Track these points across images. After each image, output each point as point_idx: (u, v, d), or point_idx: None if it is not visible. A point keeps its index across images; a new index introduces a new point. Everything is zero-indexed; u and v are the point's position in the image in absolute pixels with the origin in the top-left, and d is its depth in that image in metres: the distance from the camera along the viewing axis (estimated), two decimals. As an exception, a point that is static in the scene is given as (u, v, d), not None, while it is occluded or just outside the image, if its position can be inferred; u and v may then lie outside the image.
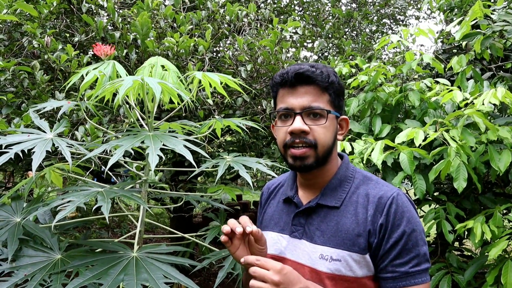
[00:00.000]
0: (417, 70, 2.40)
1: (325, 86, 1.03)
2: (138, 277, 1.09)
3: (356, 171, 1.11)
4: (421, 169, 2.30)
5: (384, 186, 1.05)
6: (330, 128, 1.04)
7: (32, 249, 1.23)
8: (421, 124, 2.38)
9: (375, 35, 4.87)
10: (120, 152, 1.09)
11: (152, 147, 1.11)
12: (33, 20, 2.48)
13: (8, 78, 2.28)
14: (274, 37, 2.44)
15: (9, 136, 1.25)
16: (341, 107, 1.09)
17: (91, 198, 1.12)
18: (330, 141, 1.05)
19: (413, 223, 1.00)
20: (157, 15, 2.57)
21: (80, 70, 1.28)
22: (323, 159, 1.05)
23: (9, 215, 1.33)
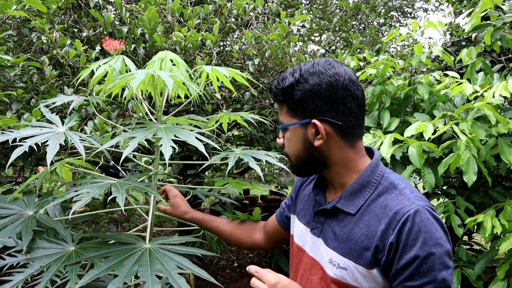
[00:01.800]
0: (426, 63, 2.38)
1: (280, 100, 1.03)
2: (152, 267, 1.10)
3: (384, 175, 1.01)
4: (430, 163, 2.29)
5: (405, 199, 0.94)
6: (292, 139, 1.03)
7: (46, 241, 1.25)
8: (430, 117, 2.36)
9: (383, 28, 4.83)
10: (134, 143, 1.10)
11: (165, 139, 1.12)
12: (41, 15, 2.49)
13: (18, 74, 2.30)
14: (282, 31, 2.43)
15: (22, 129, 1.25)
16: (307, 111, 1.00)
17: (105, 189, 1.13)
18: (296, 152, 1.04)
19: (431, 246, 0.88)
20: (164, 9, 2.57)
21: (90, 65, 1.28)
22: (302, 168, 1.07)
23: (21, 208, 1.35)
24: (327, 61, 1.02)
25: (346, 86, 0.98)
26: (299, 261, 1.15)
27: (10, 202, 1.37)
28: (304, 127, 1.01)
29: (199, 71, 1.32)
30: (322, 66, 1.00)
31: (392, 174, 1.02)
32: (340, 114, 0.98)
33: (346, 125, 0.99)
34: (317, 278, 1.05)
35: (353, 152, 1.03)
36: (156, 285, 1.05)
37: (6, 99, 2.16)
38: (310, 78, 0.99)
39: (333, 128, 0.99)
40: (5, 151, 2.56)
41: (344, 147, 1.02)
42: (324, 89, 0.97)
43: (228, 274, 4.68)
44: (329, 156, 1.02)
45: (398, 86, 2.57)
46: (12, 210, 1.32)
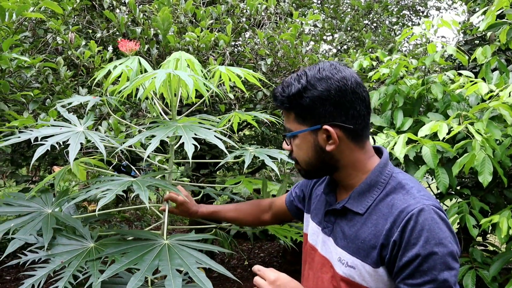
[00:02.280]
0: (440, 62, 2.36)
1: (286, 107, 1.03)
2: (172, 262, 1.11)
3: (392, 175, 1.02)
4: (443, 163, 2.27)
5: (411, 199, 0.95)
6: (302, 145, 1.04)
7: (66, 238, 1.27)
8: (444, 117, 2.34)
9: (395, 27, 4.80)
10: (156, 141, 1.11)
11: (186, 137, 1.13)
12: (56, 17, 2.52)
13: (34, 75, 2.33)
14: (295, 31, 2.43)
15: (42, 128, 1.27)
16: (318, 117, 1.00)
17: (126, 187, 1.14)
18: (306, 157, 1.04)
19: (433, 245, 0.88)
20: (177, 10, 2.58)
21: (106, 66, 1.30)
22: (312, 172, 1.08)
23: (40, 206, 1.38)
24: (332, 65, 1.02)
25: (354, 89, 0.99)
26: (311, 260, 1.17)
27: (29, 200, 1.39)
28: (314, 133, 1.01)
29: (213, 70, 1.33)
30: (329, 71, 0.99)
31: (400, 174, 1.03)
32: (350, 118, 0.99)
33: (356, 128, 1.00)
34: (328, 277, 1.07)
35: (362, 153, 1.04)
36: (178, 279, 1.06)
37: (23, 100, 2.19)
38: (318, 84, 0.98)
39: (343, 132, 1.00)
40: (21, 150, 2.60)
41: (355, 149, 1.03)
42: (334, 94, 0.97)
43: (239, 273, 4.69)
44: (340, 159, 1.03)
45: (411, 86, 2.55)
46: (31, 208, 1.35)
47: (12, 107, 2.23)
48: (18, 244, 1.22)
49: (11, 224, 1.26)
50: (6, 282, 3.94)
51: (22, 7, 1.72)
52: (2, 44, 1.87)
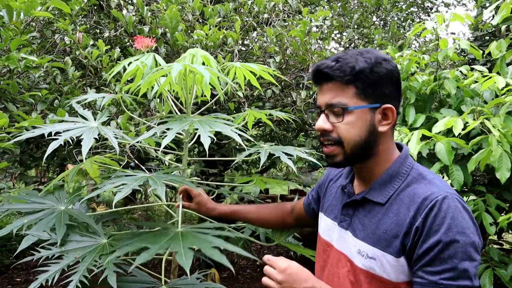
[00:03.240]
0: (454, 57, 2.32)
1: (348, 80, 0.97)
2: (185, 243, 1.08)
3: (413, 167, 1.02)
4: (457, 160, 2.22)
5: (434, 187, 0.94)
6: (358, 123, 0.98)
7: (79, 234, 1.26)
8: (458, 113, 2.30)
9: (405, 23, 4.74)
10: (172, 134, 1.10)
11: (202, 130, 1.12)
12: (64, 17, 2.51)
13: (42, 75, 2.32)
14: (304, 27, 2.40)
15: (56, 124, 1.26)
16: (380, 95, 0.98)
17: (142, 182, 1.12)
18: (357, 137, 0.99)
19: (455, 233, 0.86)
20: (185, 8, 2.56)
21: (121, 62, 1.29)
22: (354, 155, 1.01)
23: (53, 203, 1.37)
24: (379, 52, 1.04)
25: (400, 78, 1.02)
26: (327, 256, 1.16)
27: (42, 196, 1.39)
28: (372, 111, 0.99)
29: (228, 67, 1.31)
30: (386, 56, 1.01)
31: (420, 167, 1.03)
32: (398, 105, 1.02)
33: (398, 114, 1.02)
34: (345, 271, 1.06)
35: (392, 143, 1.05)
36: (189, 253, 1.02)
37: (31, 100, 2.18)
38: (384, 63, 0.98)
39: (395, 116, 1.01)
40: (30, 151, 2.59)
41: (391, 137, 1.04)
42: (396, 77, 1.00)
43: (249, 274, 4.66)
44: (380, 144, 1.02)
45: (423, 82, 2.50)
46: (44, 205, 1.35)
47: (20, 108, 2.22)
48: (31, 240, 1.21)
49: (25, 220, 1.26)
50: (17, 284, 3.95)
51: (30, 6, 1.70)
52: (10, 44, 1.85)
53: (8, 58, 1.85)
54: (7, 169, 2.75)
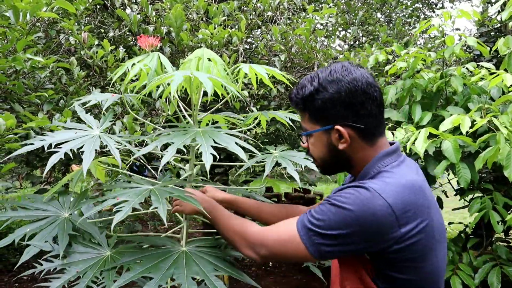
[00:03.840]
0: (460, 54, 2.30)
1: (301, 108, 1.08)
2: (189, 270, 1.08)
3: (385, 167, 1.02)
4: (463, 158, 2.21)
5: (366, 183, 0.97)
6: (317, 143, 1.08)
7: (82, 245, 1.23)
8: (465, 110, 2.28)
9: (410, 20, 4.71)
10: (172, 150, 1.06)
11: (205, 145, 1.07)
12: (69, 17, 2.51)
13: (47, 75, 2.32)
14: (309, 25, 2.38)
15: (56, 133, 1.22)
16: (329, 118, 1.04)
17: (144, 197, 1.09)
18: (320, 155, 1.09)
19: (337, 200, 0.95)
20: (189, 7, 2.55)
21: (125, 63, 1.26)
22: (327, 168, 1.13)
23: (57, 210, 1.34)
24: (343, 66, 1.05)
25: (364, 90, 1.02)
26: None
27: (46, 203, 1.35)
28: (327, 132, 1.05)
29: (237, 69, 1.28)
30: (340, 73, 1.03)
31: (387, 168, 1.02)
32: (361, 118, 1.02)
33: (367, 127, 1.03)
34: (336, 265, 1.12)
35: (373, 150, 1.06)
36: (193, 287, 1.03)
37: (38, 101, 2.18)
38: (329, 86, 1.02)
39: (355, 131, 1.03)
40: (36, 151, 2.60)
41: (366, 147, 1.05)
42: (344, 96, 1.01)
43: (254, 272, 4.67)
44: (352, 156, 1.06)
45: (429, 79, 2.49)
46: (48, 212, 1.31)
47: (27, 108, 2.22)
48: (33, 251, 1.18)
49: (27, 229, 1.23)
50: (24, 282, 3.97)
51: (35, 6, 1.70)
52: (16, 44, 1.86)
53: (14, 59, 1.85)
54: (14, 169, 2.76)
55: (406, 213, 0.92)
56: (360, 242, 0.93)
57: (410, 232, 0.92)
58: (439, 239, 0.99)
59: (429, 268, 0.97)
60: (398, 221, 0.92)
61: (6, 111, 2.14)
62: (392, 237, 0.92)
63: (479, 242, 2.48)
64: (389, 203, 0.91)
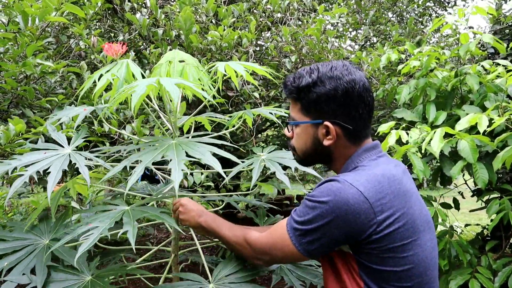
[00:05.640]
0: (476, 52, 2.24)
1: (294, 97, 1.07)
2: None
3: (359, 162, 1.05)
4: (480, 158, 2.15)
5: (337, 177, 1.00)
6: (302, 135, 1.09)
7: (62, 272, 1.19)
8: (481, 109, 2.23)
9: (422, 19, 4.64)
10: (140, 170, 0.99)
11: (175, 161, 0.99)
12: (78, 21, 2.52)
13: (58, 80, 2.32)
14: (320, 25, 2.35)
15: (25, 155, 1.16)
16: (320, 112, 1.04)
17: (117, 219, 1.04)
18: (303, 147, 1.10)
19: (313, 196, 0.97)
20: (198, 9, 2.54)
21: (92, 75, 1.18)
22: (305, 160, 1.13)
23: (37, 237, 1.28)
24: (344, 65, 1.05)
25: (360, 94, 1.03)
26: None
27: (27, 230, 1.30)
28: (315, 126, 1.06)
29: (214, 69, 1.19)
30: (340, 71, 1.03)
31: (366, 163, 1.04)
32: (351, 119, 1.03)
33: (355, 129, 1.04)
34: None
35: (355, 149, 1.07)
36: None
37: (48, 105, 2.18)
38: (327, 81, 1.02)
39: (342, 131, 1.04)
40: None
41: (350, 146, 1.07)
42: (340, 95, 1.02)
43: (266, 275, 4.63)
44: (333, 153, 1.08)
45: (443, 78, 2.44)
46: (27, 241, 1.26)
47: (37, 113, 2.23)
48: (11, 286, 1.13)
49: (4, 263, 1.18)
50: None
51: (44, 11, 1.70)
52: (26, 50, 1.86)
53: (24, 64, 1.85)
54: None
55: (380, 200, 0.94)
56: (340, 233, 0.95)
57: (386, 220, 0.93)
58: (422, 229, 0.99)
59: (412, 259, 0.96)
60: (373, 209, 0.93)
61: (17, 116, 2.15)
62: (370, 225, 0.93)
63: (497, 244, 2.42)
64: (360, 191, 0.93)
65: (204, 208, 1.25)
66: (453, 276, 2.22)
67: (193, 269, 1.54)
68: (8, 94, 2.11)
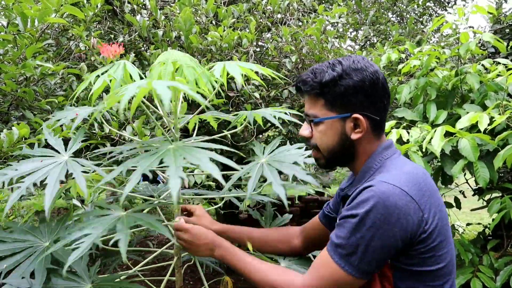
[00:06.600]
0: (476, 51, 2.24)
1: (316, 93, 1.04)
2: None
3: (385, 160, 1.04)
4: (481, 156, 2.15)
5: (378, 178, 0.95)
6: (328, 132, 1.05)
7: (61, 278, 1.15)
8: (481, 108, 2.22)
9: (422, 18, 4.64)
10: (136, 177, 0.93)
11: (173, 167, 0.93)
12: (78, 23, 2.52)
13: (58, 82, 2.32)
14: (320, 25, 2.35)
15: (21, 163, 1.12)
16: (348, 105, 1.03)
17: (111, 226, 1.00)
18: (330, 144, 1.06)
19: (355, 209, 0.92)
20: (198, 10, 2.54)
21: (88, 76, 1.15)
22: (332, 159, 1.08)
23: (37, 239, 1.25)
24: (363, 58, 1.06)
25: (383, 84, 1.04)
26: None
27: (27, 230, 1.27)
28: (342, 120, 1.04)
29: (212, 70, 1.14)
30: (363, 63, 1.03)
31: (392, 160, 1.04)
32: (377, 110, 1.04)
33: (380, 120, 1.05)
34: None
35: (376, 145, 1.07)
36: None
37: (48, 107, 2.18)
38: (353, 73, 1.01)
39: (369, 122, 1.04)
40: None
41: (373, 140, 1.06)
42: (367, 86, 1.01)
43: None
44: (359, 149, 1.06)
45: (444, 77, 2.44)
46: (26, 243, 1.23)
47: (38, 115, 2.23)
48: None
49: (3, 265, 1.15)
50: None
51: (44, 12, 1.70)
52: (26, 51, 1.86)
53: (24, 65, 1.85)
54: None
55: (423, 198, 0.93)
56: (395, 240, 0.90)
57: (430, 218, 0.92)
58: (448, 225, 0.99)
59: (445, 256, 0.96)
60: (420, 207, 0.91)
61: (17, 119, 2.15)
62: (420, 224, 0.91)
63: (499, 243, 2.41)
64: (405, 191, 0.91)
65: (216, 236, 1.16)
66: (455, 276, 2.21)
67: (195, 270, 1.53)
68: (8, 96, 2.11)
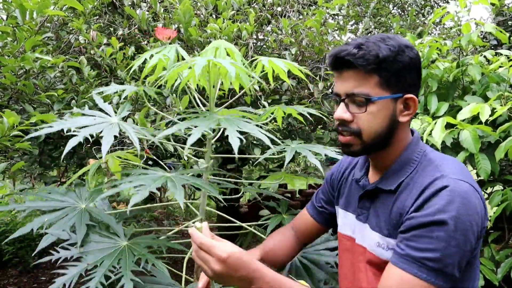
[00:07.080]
0: (478, 42, 2.22)
1: (371, 69, 0.91)
2: None
3: (424, 153, 0.99)
4: (483, 148, 2.14)
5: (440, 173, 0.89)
6: (379, 114, 0.94)
7: (98, 234, 1.24)
8: (483, 99, 2.21)
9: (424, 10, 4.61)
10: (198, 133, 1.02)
11: (231, 129, 1.04)
12: (78, 16, 2.51)
13: (57, 75, 2.32)
14: (320, 17, 2.34)
15: (75, 118, 1.20)
16: (403, 85, 0.94)
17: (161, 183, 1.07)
18: (378, 128, 0.95)
19: (434, 214, 0.82)
20: (198, 3, 2.53)
21: (142, 55, 1.23)
22: (372, 146, 0.98)
23: (74, 201, 1.35)
24: None
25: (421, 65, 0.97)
26: (349, 252, 1.12)
27: (63, 194, 1.37)
28: (394, 101, 0.95)
29: (255, 62, 1.24)
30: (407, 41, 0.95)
31: (431, 153, 0.99)
32: (419, 91, 0.98)
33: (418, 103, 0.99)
34: (364, 264, 1.03)
35: (408, 131, 1.02)
36: None
37: (48, 101, 2.18)
38: (406, 50, 0.93)
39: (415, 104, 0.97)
40: (48, 151, 2.61)
41: (407, 125, 1.01)
42: (418, 64, 0.95)
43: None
44: (398, 135, 0.99)
45: (445, 69, 2.42)
46: (64, 203, 1.32)
47: (37, 109, 2.22)
48: (51, 239, 1.19)
49: (45, 218, 1.24)
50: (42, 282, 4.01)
51: (42, 5, 1.69)
52: (25, 44, 1.85)
53: (23, 58, 1.85)
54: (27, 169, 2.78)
55: None
56: (473, 243, 0.85)
57: None
58: None
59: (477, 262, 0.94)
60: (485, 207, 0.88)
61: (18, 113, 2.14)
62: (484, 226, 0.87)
63: (500, 236, 2.41)
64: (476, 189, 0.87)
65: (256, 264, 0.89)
66: (456, 268, 2.21)
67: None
68: (8, 89, 2.11)
